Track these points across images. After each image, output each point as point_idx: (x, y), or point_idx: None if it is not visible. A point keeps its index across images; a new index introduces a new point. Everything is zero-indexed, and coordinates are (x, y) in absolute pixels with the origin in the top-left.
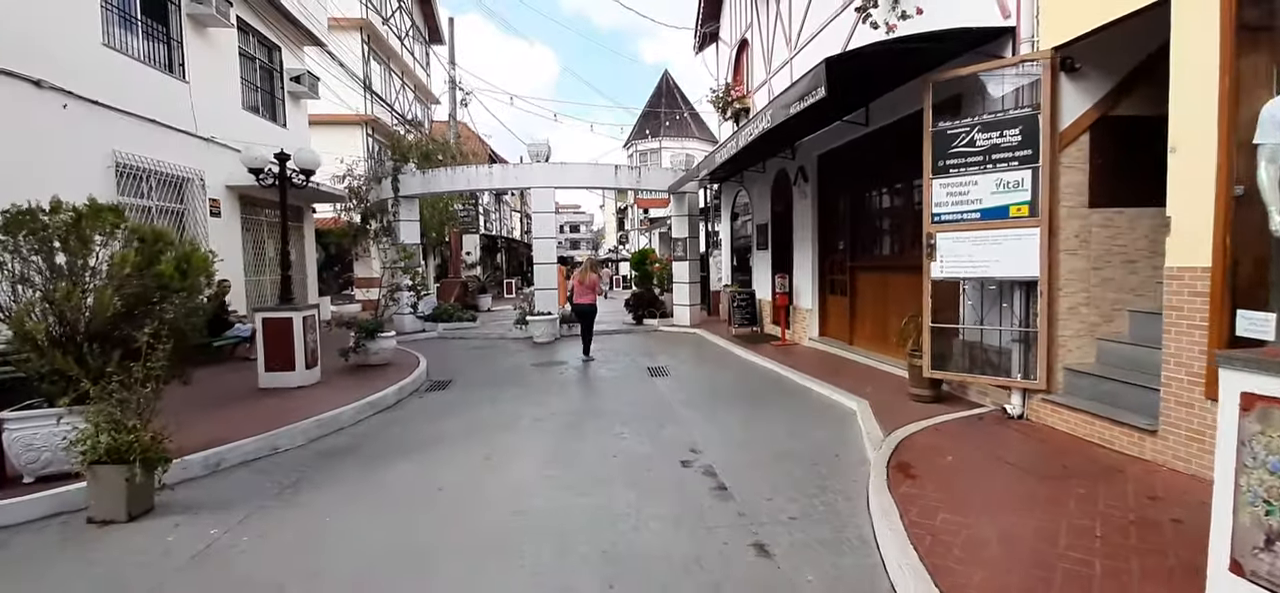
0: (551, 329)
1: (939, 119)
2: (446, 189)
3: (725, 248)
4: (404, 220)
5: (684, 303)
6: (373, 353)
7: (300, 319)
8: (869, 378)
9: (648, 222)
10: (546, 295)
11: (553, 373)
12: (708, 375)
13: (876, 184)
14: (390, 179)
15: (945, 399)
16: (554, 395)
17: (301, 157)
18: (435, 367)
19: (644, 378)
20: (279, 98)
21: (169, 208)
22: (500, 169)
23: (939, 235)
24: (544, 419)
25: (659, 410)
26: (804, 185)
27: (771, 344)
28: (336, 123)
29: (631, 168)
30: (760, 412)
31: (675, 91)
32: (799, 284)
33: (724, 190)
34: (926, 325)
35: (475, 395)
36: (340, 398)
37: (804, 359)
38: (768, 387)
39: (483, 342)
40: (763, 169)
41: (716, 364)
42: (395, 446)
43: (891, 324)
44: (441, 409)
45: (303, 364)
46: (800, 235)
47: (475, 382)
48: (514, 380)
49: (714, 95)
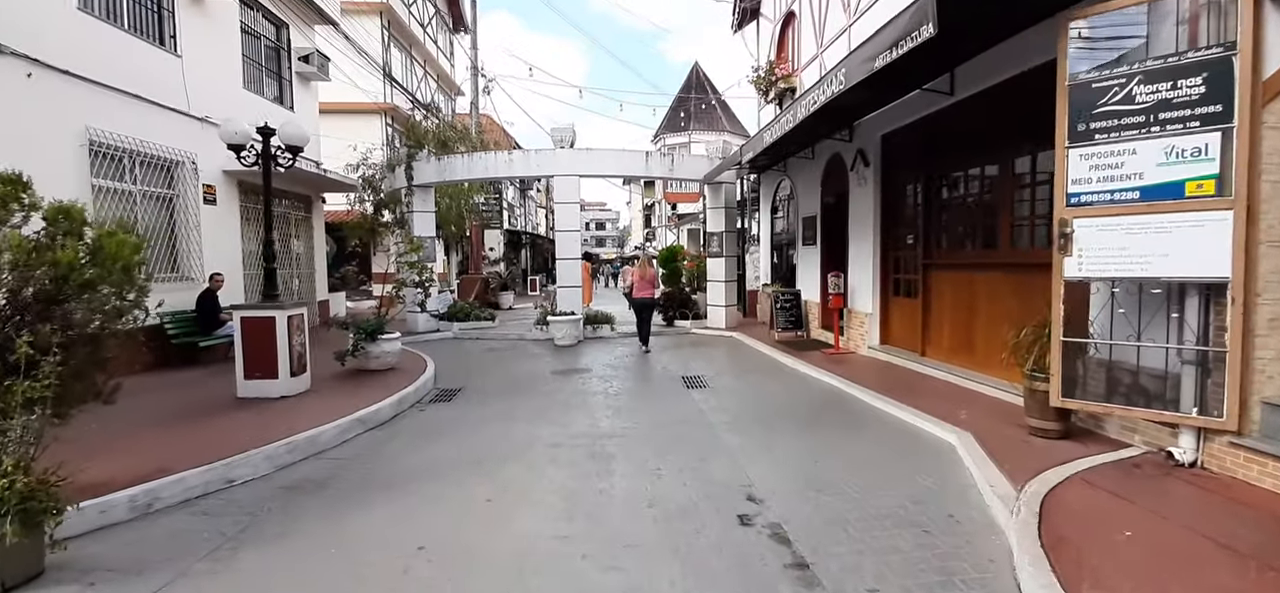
0: (574, 331)
1: (1080, 68)
2: (463, 177)
3: (764, 244)
4: (418, 211)
5: (719, 304)
6: (374, 357)
7: (285, 319)
8: (958, 399)
9: (675, 218)
10: (570, 294)
11: (575, 382)
12: (753, 389)
13: (962, 165)
14: (403, 167)
15: (1075, 434)
16: (575, 412)
17: (287, 131)
18: (444, 372)
19: (679, 391)
20: (286, 79)
21: (156, 193)
22: (521, 156)
23: (1077, 222)
24: (562, 446)
25: (701, 436)
26: (864, 171)
27: (822, 352)
28: (354, 111)
29: (663, 155)
30: (827, 441)
31: (706, 83)
32: (855, 284)
33: (763, 182)
34: (1056, 339)
35: (484, 410)
36: (325, 413)
37: (866, 372)
38: (828, 406)
39: (500, 343)
40: (811, 155)
41: (761, 375)
42: (377, 478)
43: (979, 333)
44: (442, 428)
45: (287, 371)
46: (858, 228)
47: (487, 392)
48: (530, 391)
49: (756, 75)
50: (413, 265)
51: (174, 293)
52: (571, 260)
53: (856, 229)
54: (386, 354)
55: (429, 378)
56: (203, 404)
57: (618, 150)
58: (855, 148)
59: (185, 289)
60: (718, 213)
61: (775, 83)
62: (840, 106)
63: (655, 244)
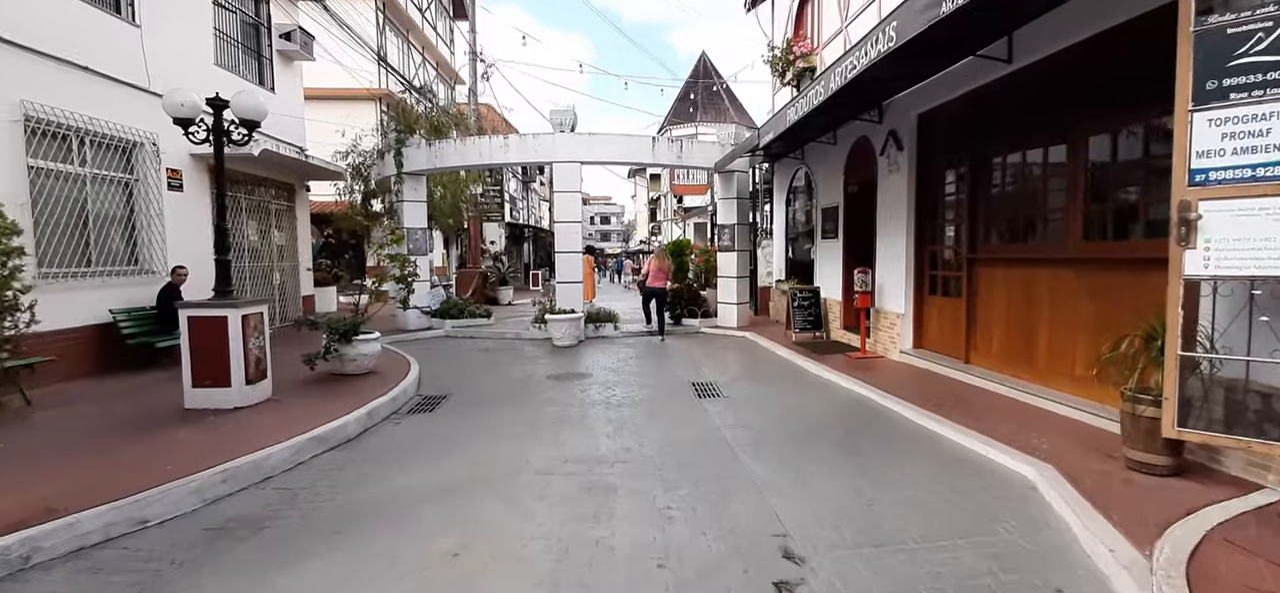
0: (575, 330)
1: (1211, 9)
2: (456, 164)
3: (778, 238)
4: (408, 201)
5: (730, 301)
6: (349, 360)
7: (239, 319)
8: (1024, 420)
9: (682, 211)
10: (570, 290)
11: (573, 390)
12: (775, 400)
13: (1020, 145)
14: (392, 153)
15: (1187, 470)
16: (572, 429)
17: (242, 103)
18: (430, 376)
19: (689, 401)
20: (266, 57)
21: (111, 177)
22: (517, 140)
23: (1204, 206)
24: (553, 474)
25: (719, 462)
26: (895, 155)
27: (846, 356)
28: (347, 97)
29: (671, 142)
30: (873, 472)
31: (714, 74)
32: (885, 281)
33: (778, 171)
34: (1172, 353)
35: (468, 423)
36: (281, 429)
37: (902, 381)
38: (865, 423)
39: (494, 343)
40: (833, 140)
41: (782, 382)
42: (323, 519)
43: (1043, 340)
44: (417, 446)
45: (241, 378)
46: (888, 219)
47: (474, 400)
48: (523, 400)
49: (772, 54)
50: (395, 258)
51: (132, 288)
52: (572, 254)
53: (886, 220)
54: (364, 357)
55: (411, 383)
56: (140, 418)
57: (622, 135)
58: (885, 130)
59: (146, 283)
60: (729, 204)
61: (793, 62)
62: (873, 80)
63: (661, 238)
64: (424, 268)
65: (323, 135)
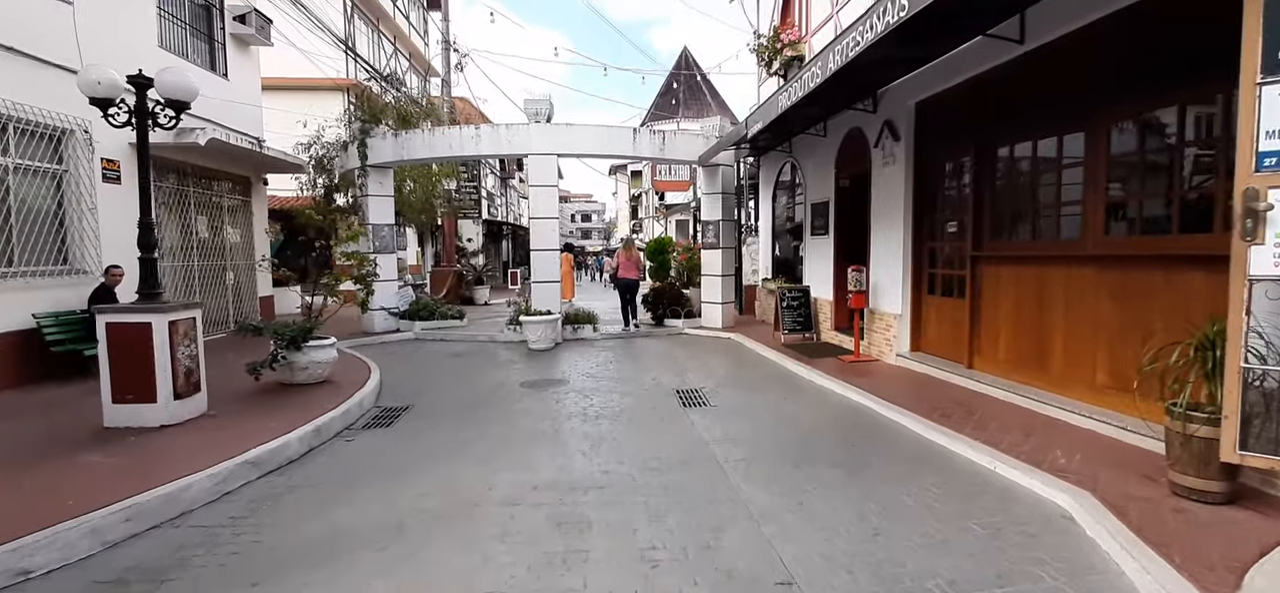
0: (551, 333)
1: None
2: (424, 156)
3: (764, 235)
4: (374, 196)
5: (715, 301)
6: (300, 369)
7: (165, 325)
8: (1043, 433)
9: (663, 209)
10: (546, 290)
11: (547, 399)
12: (766, 409)
13: (1031, 133)
14: (356, 144)
15: (1243, 496)
16: (544, 446)
17: (167, 80)
18: (392, 385)
19: (674, 411)
20: (218, 41)
21: (38, 168)
22: (489, 131)
23: (1276, 194)
24: (519, 504)
25: (709, 486)
26: (891, 147)
27: (838, 359)
28: (313, 87)
29: (653, 134)
30: (882, 496)
31: (695, 69)
32: (880, 280)
33: (763, 165)
34: (1234, 365)
35: (429, 440)
36: (210, 451)
37: (901, 387)
38: (866, 435)
39: (466, 347)
40: (823, 131)
41: (772, 389)
42: (243, 567)
43: (1058, 344)
44: (367, 469)
45: (168, 392)
46: (883, 215)
47: (439, 411)
48: (492, 412)
49: (758, 43)
50: (352, 257)
51: (62, 290)
52: (548, 251)
53: (881, 216)
54: (317, 365)
55: (369, 393)
56: (50, 439)
57: (601, 127)
58: (880, 120)
59: (76, 285)
60: (713, 199)
61: (781, 50)
62: (870, 64)
63: (642, 235)
64: (391, 266)
65: (287, 127)
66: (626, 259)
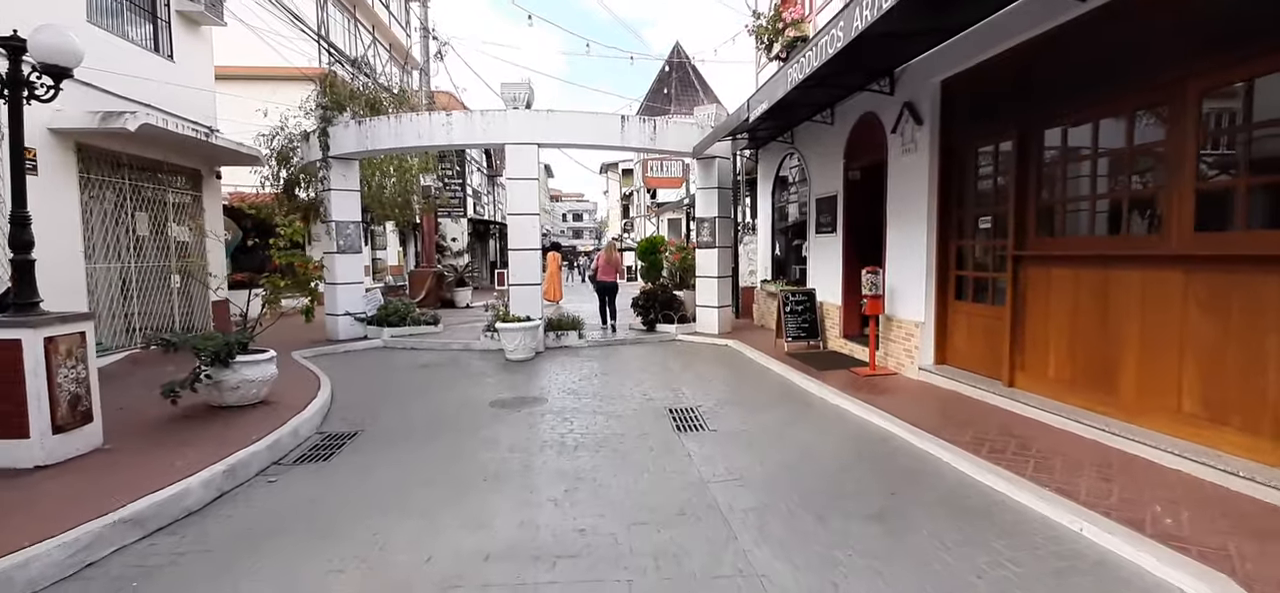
0: (531, 341)
1: None
2: (391, 146)
3: (763, 233)
4: (336, 190)
5: (711, 304)
6: (230, 388)
7: (39, 342)
8: (1123, 475)
9: (655, 207)
10: (527, 294)
11: (520, 424)
12: (774, 437)
13: (1095, 108)
14: (317, 133)
15: None
16: (508, 492)
17: (43, 41)
18: (343, 405)
19: (667, 438)
20: (162, 19)
21: None
22: (462, 118)
23: None
24: (463, 586)
25: (711, 549)
26: (912, 132)
27: (851, 372)
28: (283, 78)
29: (645, 120)
30: (944, 574)
31: (688, 64)
32: (898, 283)
33: (762, 159)
34: None
35: (370, 481)
36: (81, 505)
37: (932, 410)
38: (903, 477)
39: (438, 356)
40: (830, 119)
41: (780, 409)
42: None
43: (1129, 361)
44: (280, 527)
45: (44, 425)
46: (902, 209)
47: (390, 439)
48: (452, 440)
49: (758, 23)
50: (290, 255)
51: None
52: (528, 251)
53: (899, 210)
54: (250, 384)
55: (312, 416)
56: None
57: (587, 113)
58: (898, 103)
59: None
60: (709, 195)
61: (783, 30)
62: (890, 35)
63: (633, 235)
64: (356, 267)
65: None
66: (606, 261)
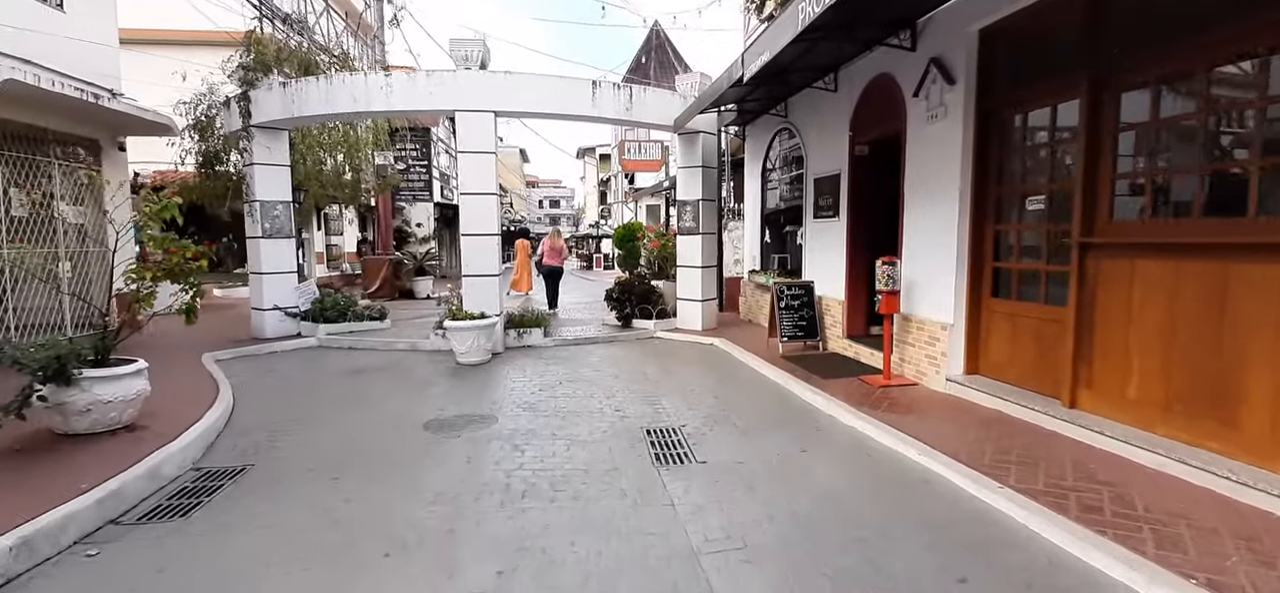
0: (485, 342)
1: None
2: (321, 112)
3: (751, 218)
4: (262, 164)
5: (694, 297)
6: (78, 411)
7: None
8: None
9: (633, 193)
10: (482, 288)
11: (456, 455)
12: (781, 476)
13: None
14: (237, 98)
15: None
16: (418, 574)
17: None
18: (244, 423)
19: (644, 476)
20: None
21: None
22: (405, 80)
23: None
24: None
25: None
26: (940, 94)
27: (862, 381)
28: (217, 43)
29: (620, 86)
30: None
31: (667, 46)
32: (919, 276)
33: (750, 137)
34: None
35: (231, 553)
36: None
37: (975, 436)
38: (965, 547)
39: (378, 358)
40: (832, 84)
41: (784, 432)
42: None
43: (1253, 384)
44: None
45: None
46: (926, 187)
47: (284, 478)
48: (366, 481)
49: None
50: (158, 242)
51: None
52: (484, 237)
53: (921, 189)
54: (106, 406)
55: (188, 446)
56: None
57: (552, 77)
58: (922, 59)
59: None
60: (692, 175)
61: None
62: None
63: (610, 222)
64: (285, 255)
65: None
66: (551, 248)
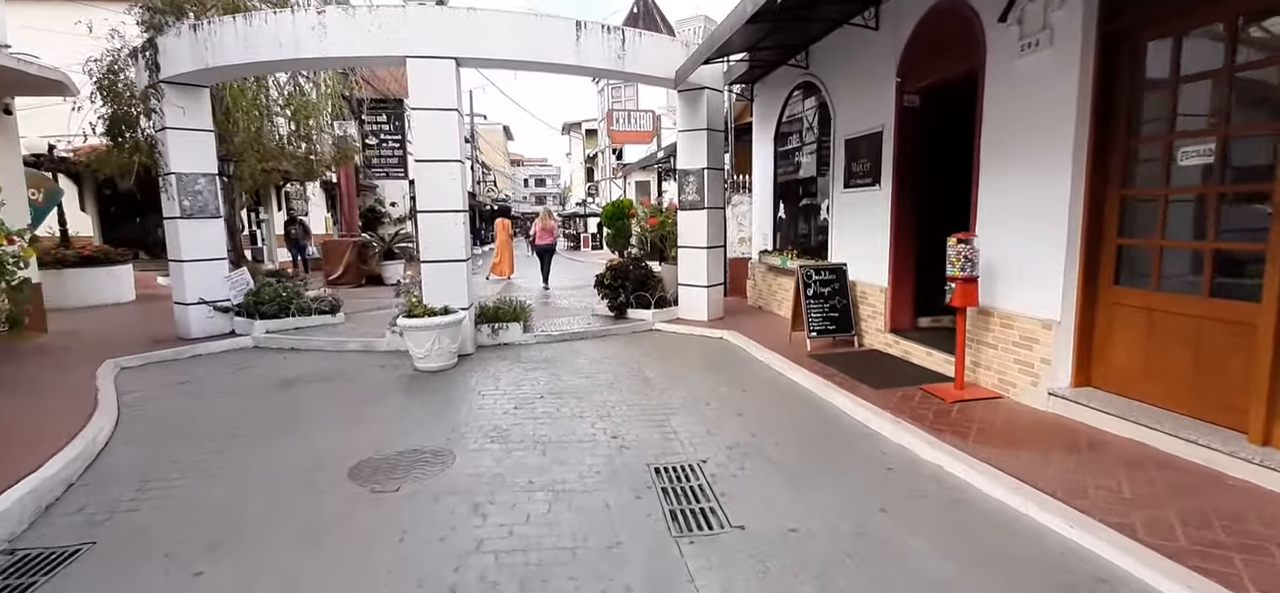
0: (451, 343)
1: None
2: (242, 61)
3: (760, 191)
4: (175, 129)
5: (698, 283)
6: None
7: None
8: None
9: (621, 168)
10: (445, 275)
11: (387, 525)
12: (857, 560)
13: None
14: (142, 47)
15: None
16: None
17: None
18: (112, 467)
19: (656, 555)
20: None
21: None
22: (342, 18)
23: None
24: None
25: None
26: (1041, 14)
27: (923, 392)
28: None
29: (611, 31)
30: None
31: (655, 11)
32: (1005, 258)
33: (759, 98)
34: None
35: None
36: None
37: (1137, 489)
38: None
39: (321, 362)
40: (872, 20)
41: (838, 475)
42: None
43: None
44: None
45: None
46: (1016, 143)
47: (140, 562)
48: (265, 564)
49: None
50: None
51: None
52: (446, 213)
53: (1009, 143)
54: None
55: (5, 513)
56: None
57: (525, 15)
58: None
59: None
60: (695, 139)
61: None
62: None
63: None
64: (211, 238)
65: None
66: (543, 227)
